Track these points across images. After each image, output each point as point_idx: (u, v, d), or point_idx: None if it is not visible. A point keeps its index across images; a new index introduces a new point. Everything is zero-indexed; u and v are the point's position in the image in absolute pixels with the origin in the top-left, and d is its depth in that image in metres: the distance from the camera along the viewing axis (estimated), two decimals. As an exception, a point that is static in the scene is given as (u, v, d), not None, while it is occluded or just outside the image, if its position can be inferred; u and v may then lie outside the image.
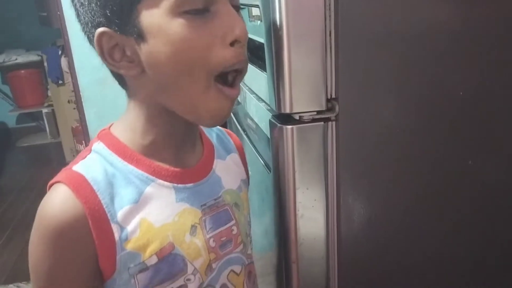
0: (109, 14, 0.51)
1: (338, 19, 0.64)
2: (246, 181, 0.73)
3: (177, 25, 0.50)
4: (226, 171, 0.66)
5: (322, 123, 0.68)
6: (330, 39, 0.65)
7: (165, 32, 0.50)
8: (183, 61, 0.51)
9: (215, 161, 0.65)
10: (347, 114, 0.68)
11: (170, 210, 0.58)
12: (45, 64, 3.36)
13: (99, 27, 0.52)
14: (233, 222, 0.64)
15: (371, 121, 0.70)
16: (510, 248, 0.81)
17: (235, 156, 0.71)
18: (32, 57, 3.92)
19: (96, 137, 0.60)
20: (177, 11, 0.50)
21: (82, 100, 1.94)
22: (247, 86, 0.96)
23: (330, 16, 0.64)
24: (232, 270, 0.64)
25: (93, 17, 0.52)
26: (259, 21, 0.75)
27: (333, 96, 0.67)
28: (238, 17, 0.53)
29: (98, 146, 0.58)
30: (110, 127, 0.61)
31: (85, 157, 0.57)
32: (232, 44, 0.52)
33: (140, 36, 0.51)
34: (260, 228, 0.97)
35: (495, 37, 0.70)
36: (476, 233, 0.79)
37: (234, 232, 0.64)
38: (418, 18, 0.67)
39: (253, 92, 0.90)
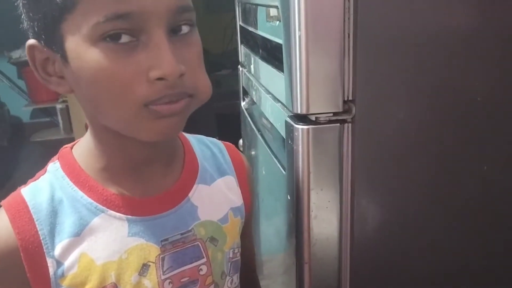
0: (36, 29, 0.48)
1: (357, 21, 0.64)
2: (240, 209, 0.64)
3: (95, 53, 0.45)
4: (209, 198, 0.60)
5: (338, 124, 0.68)
6: (349, 41, 0.65)
7: (83, 58, 0.45)
8: (103, 91, 0.46)
9: (194, 187, 0.58)
10: (364, 116, 0.68)
11: (118, 245, 0.52)
12: (61, 60, 3.39)
13: (31, 38, 0.49)
14: (203, 260, 0.57)
15: (388, 123, 0.70)
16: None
17: (229, 180, 0.64)
18: (48, 53, 3.95)
19: (57, 154, 0.56)
20: (97, 38, 0.44)
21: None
22: (263, 86, 0.96)
23: (349, 18, 0.64)
24: None
25: (27, 27, 0.49)
26: (277, 22, 0.76)
27: (350, 98, 0.67)
28: (168, 53, 0.45)
29: (53, 166, 0.55)
30: (74, 144, 0.57)
31: (38, 178, 0.54)
32: (159, 79, 0.45)
33: (63, 57, 0.47)
34: (272, 228, 0.98)
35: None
36: (492, 238, 0.79)
37: (203, 272, 0.57)
38: (436, 21, 0.67)
39: (269, 93, 0.90)
